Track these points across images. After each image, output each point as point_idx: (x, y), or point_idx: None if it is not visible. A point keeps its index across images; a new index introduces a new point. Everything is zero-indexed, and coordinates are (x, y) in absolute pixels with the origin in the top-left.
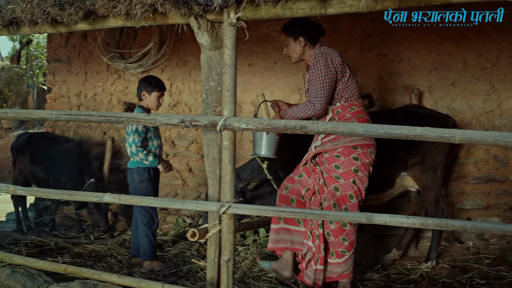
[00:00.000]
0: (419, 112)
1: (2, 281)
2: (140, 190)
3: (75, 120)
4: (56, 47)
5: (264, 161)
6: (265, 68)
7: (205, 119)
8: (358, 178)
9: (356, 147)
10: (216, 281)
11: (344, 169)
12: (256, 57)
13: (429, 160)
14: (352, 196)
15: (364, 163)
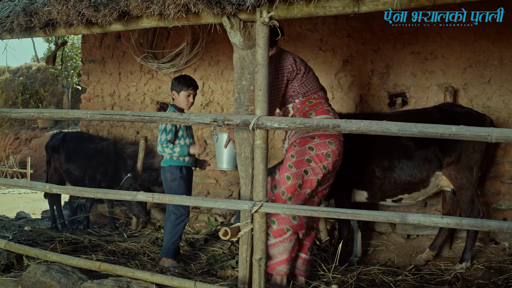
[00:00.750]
0: (455, 111)
1: (38, 277)
2: (172, 188)
3: (109, 119)
4: (90, 48)
5: None
6: None
7: (237, 118)
8: (311, 168)
9: (313, 137)
10: (248, 280)
11: (297, 158)
12: None
13: (465, 159)
14: (300, 185)
15: (320, 154)
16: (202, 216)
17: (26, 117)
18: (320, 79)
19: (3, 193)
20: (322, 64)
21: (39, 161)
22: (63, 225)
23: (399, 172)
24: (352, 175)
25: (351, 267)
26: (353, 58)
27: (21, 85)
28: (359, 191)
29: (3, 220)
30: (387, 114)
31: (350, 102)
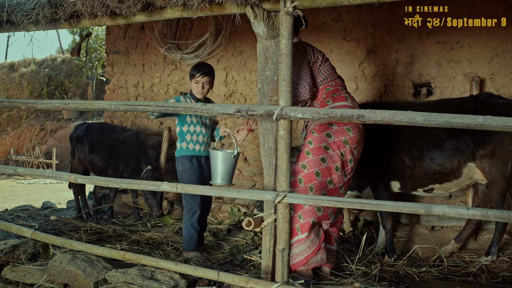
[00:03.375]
0: (493, 102)
1: (64, 266)
2: (183, 179)
3: (133, 110)
4: (114, 39)
5: None
6: None
7: (261, 109)
8: (328, 156)
9: (331, 124)
10: (271, 270)
11: (315, 144)
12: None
13: (500, 152)
14: (318, 174)
15: (338, 141)
16: (225, 206)
17: (52, 108)
18: (344, 69)
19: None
20: (346, 54)
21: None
22: (87, 215)
23: (429, 162)
24: (386, 165)
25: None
26: (377, 48)
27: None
28: (393, 182)
29: (30, 210)
30: (421, 103)
31: (374, 92)
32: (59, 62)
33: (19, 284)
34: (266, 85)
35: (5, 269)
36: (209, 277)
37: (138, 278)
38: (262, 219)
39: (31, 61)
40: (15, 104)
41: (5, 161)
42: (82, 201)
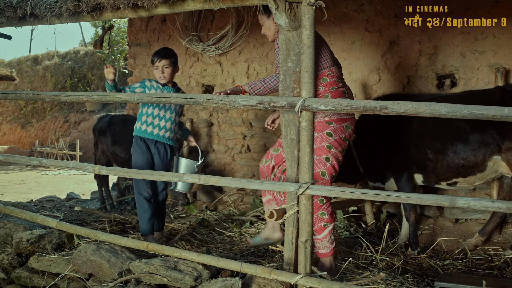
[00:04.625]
0: None
1: (88, 256)
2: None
3: (155, 102)
4: (136, 31)
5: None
6: (343, 49)
7: (283, 100)
8: (332, 154)
9: (330, 122)
10: (294, 262)
11: (317, 145)
12: (333, 37)
13: None
14: (324, 173)
15: (339, 139)
16: (247, 198)
17: (76, 100)
18: (367, 60)
19: (53, 174)
20: (368, 45)
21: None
22: (111, 205)
23: (452, 155)
24: (410, 157)
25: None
26: (400, 39)
27: (70, 69)
28: (416, 174)
29: (54, 201)
30: (445, 95)
31: (397, 84)
32: (82, 54)
33: (45, 273)
34: (288, 76)
35: (31, 259)
36: (232, 268)
37: (161, 269)
38: (284, 211)
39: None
40: (40, 97)
41: (30, 152)
42: (105, 192)
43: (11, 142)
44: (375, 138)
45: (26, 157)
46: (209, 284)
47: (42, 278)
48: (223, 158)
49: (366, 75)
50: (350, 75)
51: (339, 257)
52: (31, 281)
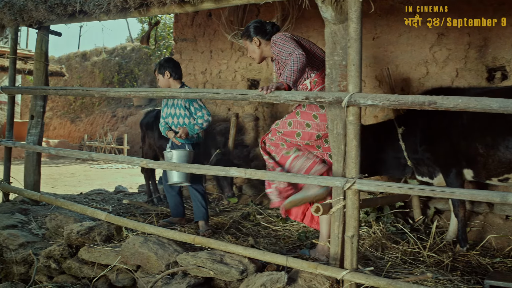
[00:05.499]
0: None
1: (136, 248)
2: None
3: (202, 97)
4: (182, 27)
5: (401, 126)
6: (390, 42)
7: (329, 96)
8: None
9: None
10: (340, 257)
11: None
12: (380, 30)
13: None
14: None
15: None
16: None
17: (124, 95)
18: (414, 53)
19: (102, 168)
20: (416, 38)
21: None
22: (158, 199)
23: (504, 151)
24: (459, 152)
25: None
26: (448, 31)
27: (117, 65)
28: (466, 170)
29: (103, 194)
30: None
31: (445, 77)
32: (129, 50)
33: (94, 264)
34: (334, 70)
35: (81, 250)
36: (278, 262)
37: (208, 262)
38: (330, 206)
39: (102, 50)
40: (89, 92)
41: (79, 146)
42: (152, 186)
43: (61, 137)
44: (423, 132)
45: (76, 151)
46: (255, 277)
47: (91, 269)
48: None
49: (413, 68)
50: (397, 68)
51: (385, 252)
52: (81, 272)
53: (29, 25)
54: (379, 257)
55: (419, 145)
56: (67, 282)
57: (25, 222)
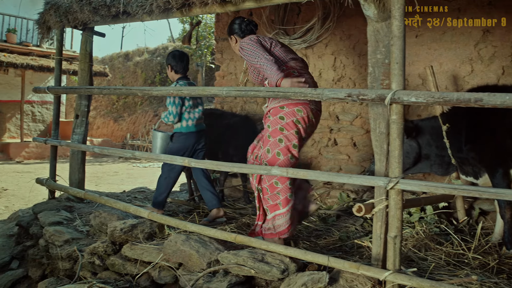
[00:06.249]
0: None
1: (178, 246)
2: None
3: (243, 96)
4: (223, 26)
5: (445, 123)
6: (433, 39)
7: (372, 93)
8: (284, 136)
9: (282, 106)
10: (382, 257)
11: (272, 127)
12: (423, 27)
13: None
14: (279, 154)
15: (290, 122)
16: (334, 192)
17: (166, 94)
18: (458, 50)
19: (144, 166)
20: (460, 35)
21: None
22: (199, 197)
23: None
24: (505, 152)
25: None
26: (494, 28)
27: (159, 65)
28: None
29: (145, 192)
30: None
31: (491, 75)
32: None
33: (137, 262)
34: (377, 68)
35: (124, 247)
36: (319, 262)
37: (249, 260)
38: (373, 205)
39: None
40: (132, 91)
41: (122, 145)
42: (194, 184)
43: (104, 135)
44: (469, 130)
45: (120, 150)
46: (296, 277)
47: (134, 266)
48: (309, 151)
49: (457, 66)
50: (441, 66)
51: (429, 253)
52: (124, 269)
53: (74, 26)
54: (422, 258)
55: (464, 144)
56: (110, 278)
57: (70, 219)
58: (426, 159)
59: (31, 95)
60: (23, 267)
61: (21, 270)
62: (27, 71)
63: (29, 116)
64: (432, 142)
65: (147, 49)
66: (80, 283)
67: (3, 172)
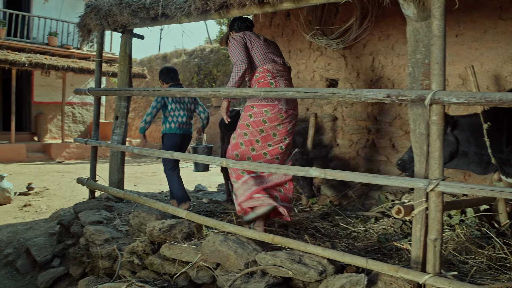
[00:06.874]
0: None
1: (216, 246)
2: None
3: (281, 97)
4: (260, 27)
5: (486, 121)
6: (474, 38)
7: (412, 93)
8: (249, 132)
9: (252, 106)
10: (422, 260)
11: (241, 122)
12: (463, 26)
13: None
14: (242, 144)
15: (257, 121)
16: (373, 193)
17: (204, 95)
18: (500, 50)
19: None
20: (502, 34)
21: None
22: None
23: None
24: None
25: None
26: None
27: (196, 66)
28: None
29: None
30: None
31: None
32: (208, 52)
33: (175, 261)
34: (417, 68)
35: (163, 247)
36: (357, 264)
37: (286, 262)
38: (412, 207)
39: (182, 52)
40: (171, 93)
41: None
42: (231, 185)
43: None
44: (511, 131)
45: (158, 150)
46: (334, 279)
47: (173, 266)
48: (347, 152)
49: (499, 66)
50: (482, 66)
51: (469, 257)
52: (163, 268)
53: (113, 29)
54: (463, 262)
55: (506, 145)
56: (149, 277)
57: (110, 219)
58: (464, 155)
59: (72, 97)
60: (64, 265)
61: (62, 268)
62: (67, 73)
63: (70, 117)
64: (471, 139)
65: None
66: (119, 281)
67: (45, 172)
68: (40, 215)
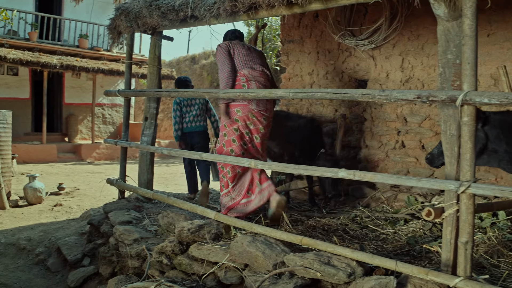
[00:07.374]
0: None
1: (244, 247)
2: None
3: (310, 97)
4: (289, 28)
5: None
6: (506, 38)
7: (443, 94)
8: (227, 131)
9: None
10: (452, 263)
11: (220, 124)
12: (495, 26)
13: None
14: (224, 145)
15: (232, 120)
16: (402, 195)
17: (234, 96)
18: None
19: None
20: None
21: None
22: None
23: None
24: None
25: None
26: None
27: None
28: None
29: (212, 193)
30: None
31: None
32: None
33: (204, 262)
34: (447, 69)
35: (191, 247)
36: (386, 266)
37: (315, 263)
38: (443, 210)
39: (210, 53)
40: (200, 94)
41: None
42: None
43: (171, 137)
44: None
45: (187, 151)
46: (362, 281)
47: (201, 266)
48: (376, 154)
49: None
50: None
51: (501, 260)
52: (191, 268)
53: (143, 31)
54: (495, 265)
55: None
56: (177, 277)
57: (139, 219)
58: (494, 152)
59: (102, 98)
60: (94, 264)
61: (92, 267)
62: (98, 75)
63: (100, 119)
64: (502, 136)
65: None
66: (148, 281)
67: (75, 172)
68: (70, 215)
